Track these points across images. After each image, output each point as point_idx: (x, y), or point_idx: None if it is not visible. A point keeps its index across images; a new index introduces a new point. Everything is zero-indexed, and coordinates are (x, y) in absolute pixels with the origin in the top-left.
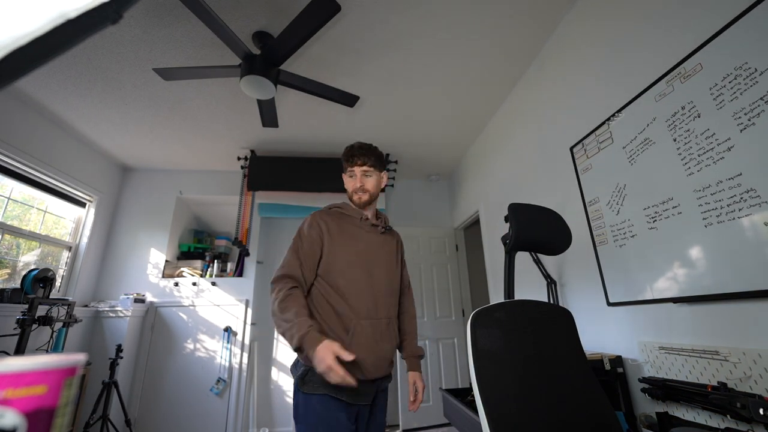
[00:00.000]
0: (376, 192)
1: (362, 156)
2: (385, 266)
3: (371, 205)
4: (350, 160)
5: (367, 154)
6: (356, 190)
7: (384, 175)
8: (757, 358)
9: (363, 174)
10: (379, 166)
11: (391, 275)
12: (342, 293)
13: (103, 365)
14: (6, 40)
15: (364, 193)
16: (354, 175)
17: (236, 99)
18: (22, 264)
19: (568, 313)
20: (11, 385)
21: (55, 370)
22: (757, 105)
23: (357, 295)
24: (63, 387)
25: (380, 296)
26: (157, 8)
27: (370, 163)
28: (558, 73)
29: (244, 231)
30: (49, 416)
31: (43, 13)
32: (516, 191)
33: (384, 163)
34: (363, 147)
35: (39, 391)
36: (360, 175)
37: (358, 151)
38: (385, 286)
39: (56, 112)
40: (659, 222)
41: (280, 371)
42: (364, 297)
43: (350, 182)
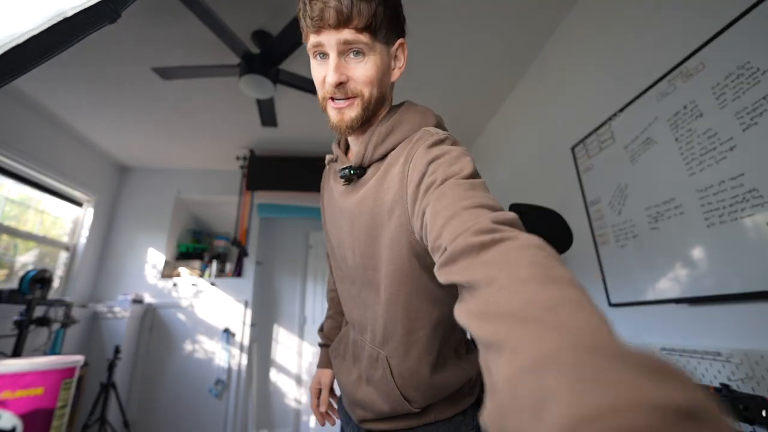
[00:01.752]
0: (380, 89)
1: (344, 6)
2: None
3: (370, 124)
4: (308, 15)
5: (344, 6)
6: (327, 93)
7: (400, 48)
8: (760, 360)
9: (344, 49)
10: (385, 29)
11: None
12: None
13: (101, 366)
14: (3, 39)
15: (350, 102)
16: (322, 56)
17: (235, 98)
18: (20, 264)
19: None
20: (8, 387)
21: (52, 372)
22: (759, 104)
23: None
24: (60, 388)
25: (356, 307)
26: (156, 7)
27: (362, 23)
28: (559, 73)
29: (243, 231)
30: (47, 418)
31: (40, 11)
32: (517, 191)
33: (397, 23)
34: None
35: (36, 392)
36: (336, 58)
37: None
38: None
39: (54, 111)
40: (661, 222)
41: (279, 372)
42: (347, 305)
43: (318, 73)
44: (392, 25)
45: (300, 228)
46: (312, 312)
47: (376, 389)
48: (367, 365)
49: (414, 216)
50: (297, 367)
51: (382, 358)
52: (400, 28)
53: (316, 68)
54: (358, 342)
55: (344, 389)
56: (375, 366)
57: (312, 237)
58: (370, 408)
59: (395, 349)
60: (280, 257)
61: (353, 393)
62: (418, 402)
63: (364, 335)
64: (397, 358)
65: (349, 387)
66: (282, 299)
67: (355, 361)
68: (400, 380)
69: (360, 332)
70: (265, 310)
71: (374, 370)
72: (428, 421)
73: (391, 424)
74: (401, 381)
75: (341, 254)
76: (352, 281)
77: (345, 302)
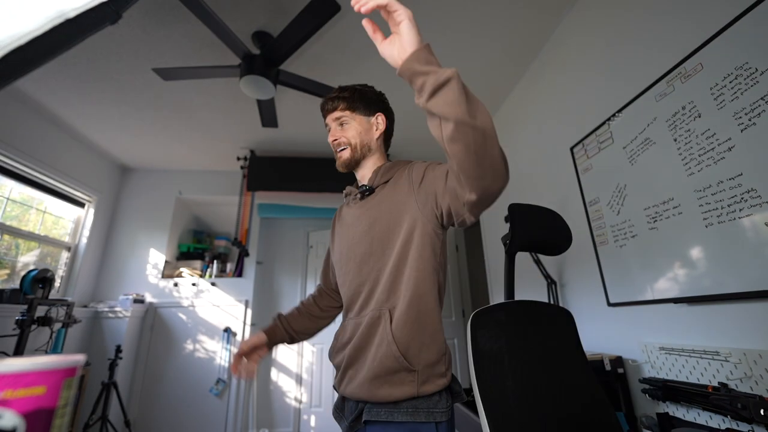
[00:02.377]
0: (361, 141)
1: (332, 100)
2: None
3: (362, 162)
4: (322, 111)
5: (338, 96)
6: (334, 149)
7: (378, 118)
8: (758, 359)
9: (335, 123)
10: (362, 107)
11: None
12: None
13: (102, 366)
14: (5, 40)
15: (343, 150)
16: (328, 128)
17: (236, 99)
18: (21, 264)
19: (569, 313)
20: (10, 386)
21: (54, 371)
22: (757, 105)
23: (342, 292)
24: (62, 388)
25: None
26: (157, 8)
27: (343, 106)
28: (558, 74)
29: (244, 231)
30: (48, 417)
31: (42, 12)
32: (516, 191)
33: (372, 103)
34: (337, 89)
35: (38, 391)
36: (333, 126)
37: (329, 96)
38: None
39: (55, 112)
40: (660, 222)
41: (279, 372)
42: (346, 291)
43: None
44: (367, 105)
45: (300, 228)
46: None
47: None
48: (364, 333)
49: (421, 194)
50: (297, 366)
51: (384, 312)
52: (376, 107)
53: (329, 135)
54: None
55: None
56: (375, 325)
57: (312, 237)
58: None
59: (397, 299)
60: (280, 257)
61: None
62: (410, 353)
63: (366, 308)
64: (398, 308)
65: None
66: (282, 299)
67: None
68: (396, 329)
69: (362, 308)
70: (265, 310)
71: (373, 329)
72: (411, 394)
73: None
74: (396, 330)
75: (352, 251)
76: (360, 264)
77: (349, 287)
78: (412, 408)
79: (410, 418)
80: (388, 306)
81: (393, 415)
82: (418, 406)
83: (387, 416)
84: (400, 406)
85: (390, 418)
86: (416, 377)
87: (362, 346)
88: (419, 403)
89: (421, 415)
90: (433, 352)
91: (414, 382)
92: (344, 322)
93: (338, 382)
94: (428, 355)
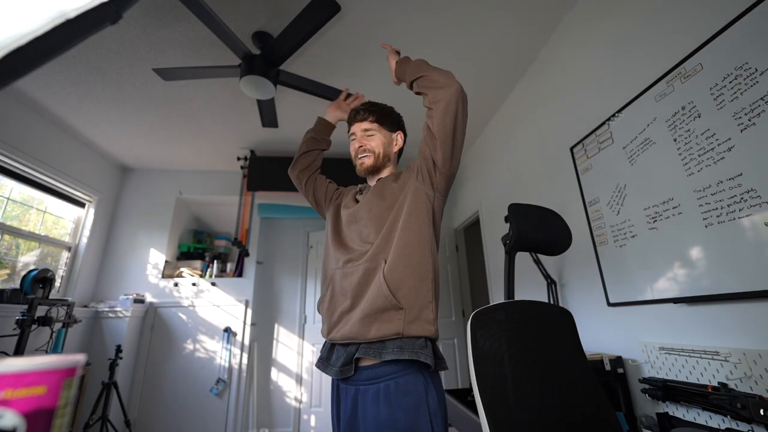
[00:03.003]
0: (384, 151)
1: (363, 112)
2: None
3: (381, 171)
4: (350, 119)
5: (369, 109)
6: (356, 154)
7: (398, 136)
8: (758, 359)
9: (363, 133)
10: (388, 123)
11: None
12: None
13: (102, 366)
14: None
15: (368, 156)
16: (354, 136)
17: (236, 99)
18: (22, 264)
19: (568, 313)
20: (10, 386)
21: (54, 371)
22: (757, 105)
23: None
24: (62, 387)
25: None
26: (157, 8)
27: (372, 119)
28: (558, 74)
29: (244, 231)
30: (49, 417)
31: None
32: (516, 191)
33: (395, 122)
34: (366, 103)
35: (38, 391)
36: (360, 135)
37: (359, 108)
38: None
39: (56, 112)
40: (659, 222)
41: (279, 372)
42: (344, 245)
43: (352, 146)
44: (390, 123)
45: (300, 228)
46: (312, 311)
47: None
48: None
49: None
50: (297, 366)
51: (380, 262)
52: (397, 126)
53: (351, 145)
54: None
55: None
56: (372, 274)
57: (312, 237)
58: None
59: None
60: (280, 257)
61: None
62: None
63: (360, 259)
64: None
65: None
66: (282, 299)
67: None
68: (387, 272)
69: (356, 259)
70: (265, 310)
71: (370, 278)
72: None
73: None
74: (388, 273)
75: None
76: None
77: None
78: (398, 348)
79: (396, 356)
80: (383, 256)
81: (381, 354)
82: (404, 346)
83: (375, 355)
84: (387, 345)
85: (378, 357)
86: (404, 315)
87: (359, 294)
88: (404, 343)
89: (406, 353)
90: (421, 296)
91: (401, 320)
92: (333, 272)
93: (330, 329)
94: (416, 298)
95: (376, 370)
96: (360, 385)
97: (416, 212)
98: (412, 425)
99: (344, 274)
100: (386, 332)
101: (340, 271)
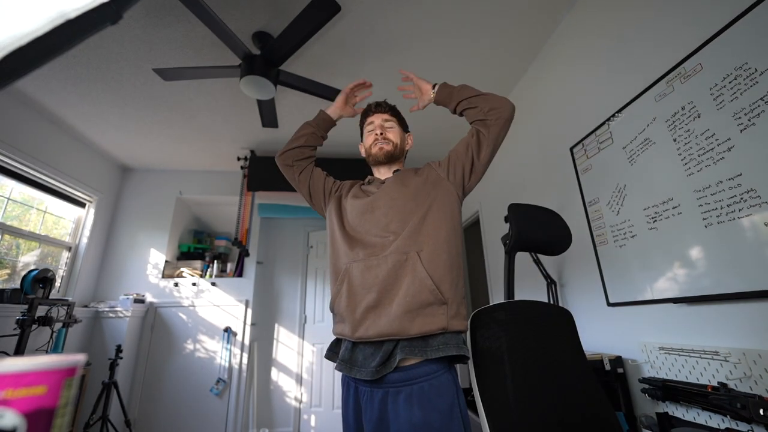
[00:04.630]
0: (401, 145)
1: (383, 105)
2: (389, 196)
3: (395, 163)
4: (369, 112)
5: (387, 104)
6: (376, 141)
7: (409, 137)
8: (757, 359)
9: (384, 122)
10: (402, 123)
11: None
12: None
13: (102, 366)
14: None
15: (387, 143)
16: (374, 125)
17: (236, 99)
18: (22, 264)
19: (568, 313)
20: (11, 386)
21: (54, 371)
22: (757, 105)
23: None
24: (63, 387)
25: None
26: (157, 8)
27: (391, 113)
28: (558, 74)
29: (244, 231)
30: (49, 416)
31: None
32: (516, 191)
33: (406, 125)
34: (381, 102)
35: (39, 391)
36: (380, 123)
37: (377, 102)
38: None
39: (56, 112)
40: (659, 222)
41: (280, 372)
42: (361, 237)
43: (369, 136)
44: (404, 124)
45: (300, 228)
46: (312, 311)
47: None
48: (391, 275)
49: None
50: (297, 366)
51: (412, 254)
52: (407, 128)
53: (367, 135)
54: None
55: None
56: (402, 267)
57: (312, 237)
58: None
59: (422, 244)
60: (280, 257)
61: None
62: (442, 287)
63: (383, 251)
64: (426, 250)
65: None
66: (282, 299)
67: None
68: (428, 266)
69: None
70: (265, 310)
71: (401, 270)
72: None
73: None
74: (429, 266)
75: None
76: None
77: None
78: (443, 344)
79: (443, 353)
80: (415, 249)
81: (426, 352)
82: (448, 341)
83: (419, 353)
84: (431, 342)
85: (423, 355)
86: (446, 310)
87: (389, 288)
88: (448, 338)
89: (452, 348)
90: (460, 290)
91: (445, 315)
92: (350, 265)
93: (355, 327)
94: (456, 292)
95: (412, 371)
96: (390, 387)
97: (449, 209)
98: (446, 426)
99: (366, 267)
100: (431, 328)
101: (361, 264)
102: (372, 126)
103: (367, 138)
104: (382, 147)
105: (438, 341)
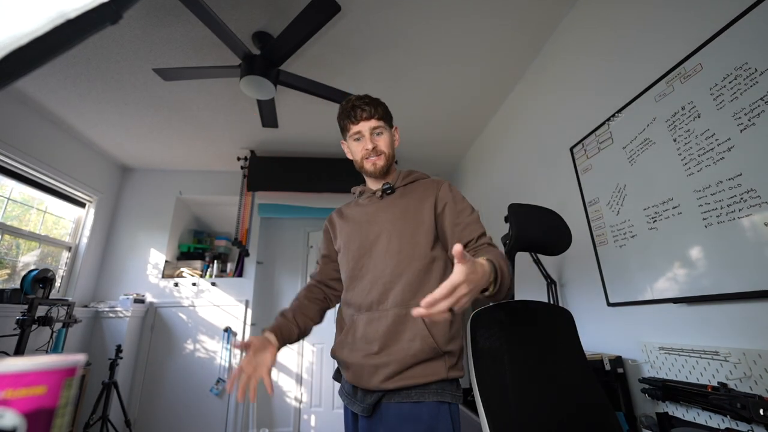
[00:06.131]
0: (392, 152)
1: (368, 107)
2: (387, 236)
3: (390, 173)
4: (352, 116)
5: (372, 104)
6: (368, 155)
7: (395, 131)
8: (757, 359)
9: (372, 131)
10: (388, 119)
11: (398, 243)
12: (345, 287)
13: (102, 366)
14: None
15: (380, 157)
16: (361, 135)
17: (236, 99)
18: (22, 264)
19: (568, 313)
20: (11, 386)
21: (54, 371)
22: (757, 105)
23: (353, 287)
24: (63, 387)
25: (382, 280)
26: (157, 8)
27: (378, 116)
28: (558, 73)
29: (244, 231)
30: (49, 416)
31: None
32: (516, 191)
33: (391, 117)
34: (365, 97)
35: (39, 391)
36: (369, 134)
37: (360, 102)
38: (390, 263)
39: (56, 112)
40: (659, 222)
41: (280, 372)
42: (362, 286)
43: (357, 146)
44: (390, 118)
45: (300, 228)
46: None
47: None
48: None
49: (445, 219)
50: (297, 366)
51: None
52: (392, 120)
53: (354, 145)
54: (371, 314)
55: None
56: (402, 322)
57: (312, 237)
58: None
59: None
60: (280, 257)
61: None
62: (442, 344)
63: (383, 303)
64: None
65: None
66: (282, 299)
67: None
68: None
69: (378, 303)
70: (265, 310)
71: (401, 326)
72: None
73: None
74: (432, 326)
75: (369, 246)
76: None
77: (365, 280)
78: (440, 389)
79: (438, 398)
80: (415, 304)
81: (424, 395)
82: (445, 388)
83: (418, 397)
84: (430, 387)
85: (421, 398)
86: (445, 361)
87: (388, 343)
88: (446, 385)
89: (447, 396)
90: (457, 345)
91: (444, 366)
92: (355, 316)
93: (356, 376)
94: (455, 346)
95: (408, 411)
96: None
97: (442, 247)
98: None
99: (369, 320)
100: (430, 379)
101: (365, 317)
102: (359, 136)
103: (355, 149)
104: (375, 163)
105: (437, 387)
